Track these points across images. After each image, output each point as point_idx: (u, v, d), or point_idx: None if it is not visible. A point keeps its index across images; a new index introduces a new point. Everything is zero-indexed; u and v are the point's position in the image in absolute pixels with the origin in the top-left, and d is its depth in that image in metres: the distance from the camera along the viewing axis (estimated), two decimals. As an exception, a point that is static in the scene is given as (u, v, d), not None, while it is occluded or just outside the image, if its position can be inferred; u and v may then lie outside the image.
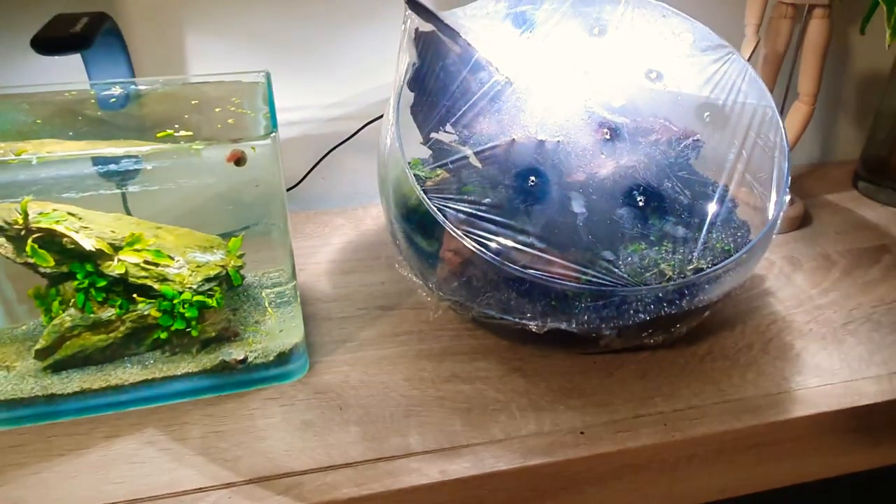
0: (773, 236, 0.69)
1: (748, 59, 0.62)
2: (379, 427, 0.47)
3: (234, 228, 0.50)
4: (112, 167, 0.42)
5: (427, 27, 0.50)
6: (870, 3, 0.50)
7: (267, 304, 0.53)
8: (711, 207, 0.47)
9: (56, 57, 0.44)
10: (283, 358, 0.50)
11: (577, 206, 0.45)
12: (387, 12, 0.70)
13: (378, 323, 0.57)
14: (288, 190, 0.74)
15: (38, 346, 0.47)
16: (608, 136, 0.48)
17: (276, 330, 0.51)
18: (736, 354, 0.54)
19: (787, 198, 0.48)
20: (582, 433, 0.46)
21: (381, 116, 0.63)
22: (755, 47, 0.63)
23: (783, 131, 0.49)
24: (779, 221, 0.48)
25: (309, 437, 0.46)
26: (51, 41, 0.39)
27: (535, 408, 0.48)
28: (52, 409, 0.47)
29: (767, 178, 0.48)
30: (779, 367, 0.52)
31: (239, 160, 0.41)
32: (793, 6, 0.63)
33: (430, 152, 0.51)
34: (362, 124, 0.71)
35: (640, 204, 0.46)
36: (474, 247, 0.43)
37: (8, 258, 0.45)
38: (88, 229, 0.46)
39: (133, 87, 0.51)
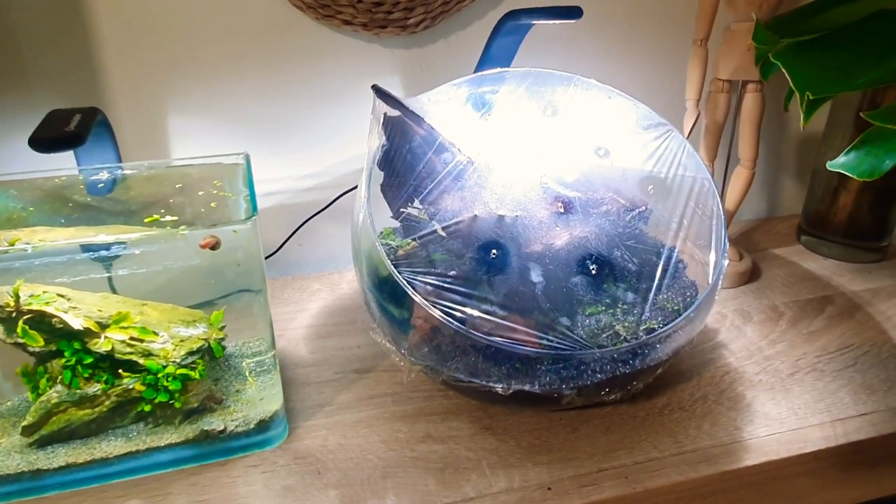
0: (725, 290, 0.74)
1: (690, 130, 0.68)
2: (356, 489, 0.49)
3: (216, 297, 0.53)
4: (103, 253, 0.45)
5: (394, 112, 0.54)
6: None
7: (247, 374, 0.55)
8: (658, 272, 0.52)
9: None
10: (263, 425, 0.52)
11: (536, 276, 0.49)
12: (360, 90, 0.75)
13: (354, 386, 0.60)
14: (266, 257, 0.77)
15: (25, 423, 0.49)
16: (562, 210, 0.52)
17: (257, 398, 0.53)
18: (692, 406, 0.57)
19: (726, 261, 0.53)
20: (549, 489, 0.49)
21: (356, 187, 0.67)
22: (696, 119, 0.69)
23: (718, 200, 0.54)
24: (721, 280, 0.53)
25: (289, 502, 0.48)
26: (48, 140, 0.42)
27: (505, 465, 0.51)
28: (37, 485, 0.48)
29: (706, 244, 0.53)
30: (731, 418, 0.56)
31: (213, 246, 0.45)
32: (728, 82, 0.69)
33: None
34: (337, 194, 0.75)
35: (593, 272, 0.50)
36: (442, 317, 0.47)
37: (-2, 339, 0.48)
38: (77, 309, 0.49)
39: (120, 171, 0.55)
